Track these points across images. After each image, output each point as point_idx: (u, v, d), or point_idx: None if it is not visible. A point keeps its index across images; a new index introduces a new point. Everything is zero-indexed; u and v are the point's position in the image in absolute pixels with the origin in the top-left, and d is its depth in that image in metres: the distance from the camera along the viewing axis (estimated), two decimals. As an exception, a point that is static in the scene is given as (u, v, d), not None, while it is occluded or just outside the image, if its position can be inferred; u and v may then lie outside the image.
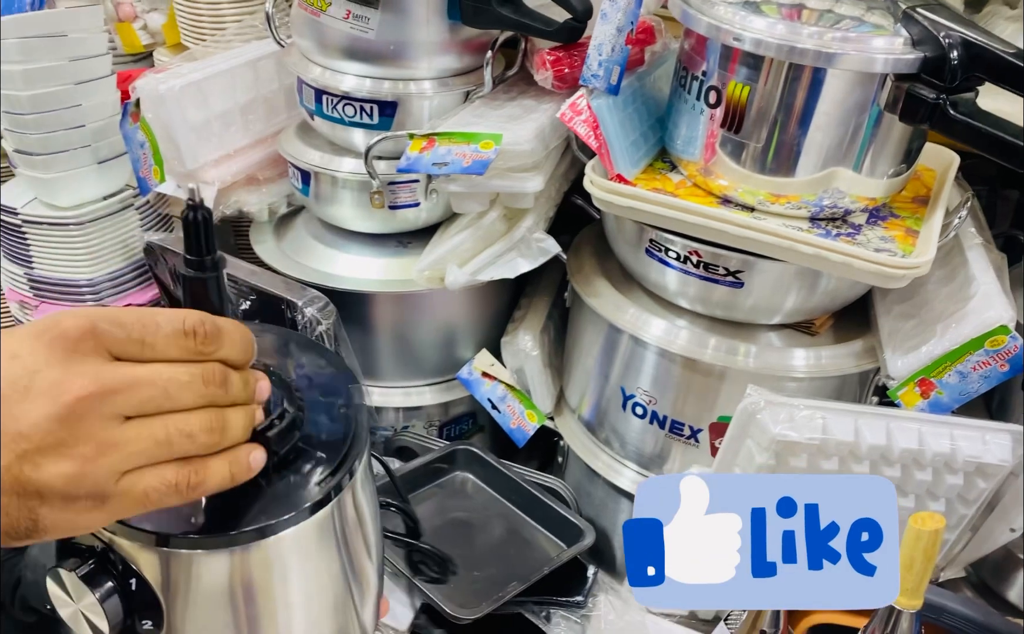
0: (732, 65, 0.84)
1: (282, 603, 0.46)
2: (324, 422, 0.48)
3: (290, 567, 0.45)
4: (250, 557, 0.44)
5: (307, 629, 0.48)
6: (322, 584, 0.48)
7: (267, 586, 0.45)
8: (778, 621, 0.75)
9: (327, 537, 0.47)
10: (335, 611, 0.49)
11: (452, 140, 0.94)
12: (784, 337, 0.92)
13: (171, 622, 0.44)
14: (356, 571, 0.50)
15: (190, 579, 0.44)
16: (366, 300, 1.06)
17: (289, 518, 0.44)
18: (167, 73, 1.09)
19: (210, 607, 0.45)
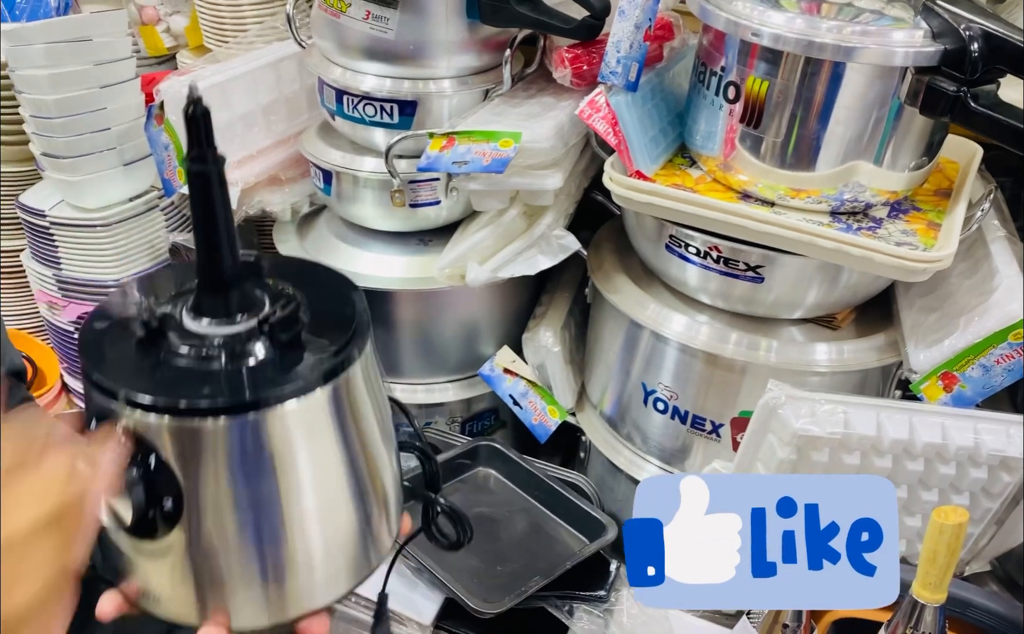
0: (751, 60, 0.84)
1: (294, 477, 0.48)
2: (328, 318, 0.51)
3: (298, 439, 0.48)
4: (258, 426, 0.46)
5: (321, 509, 0.50)
6: (333, 465, 0.50)
7: (278, 456, 0.47)
8: (800, 616, 0.75)
9: (333, 415, 0.49)
10: (350, 499, 0.51)
11: (472, 139, 0.95)
12: (806, 331, 0.93)
13: (189, 500, 0.47)
14: (369, 464, 0.52)
15: (203, 451, 0.46)
16: (388, 298, 1.08)
17: (295, 388, 0.46)
18: (191, 75, 1.11)
19: (222, 478, 0.47)
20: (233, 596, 0.50)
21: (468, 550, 0.93)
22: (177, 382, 0.46)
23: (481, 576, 0.90)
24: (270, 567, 0.49)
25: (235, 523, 0.48)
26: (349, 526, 0.52)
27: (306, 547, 0.50)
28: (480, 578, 0.89)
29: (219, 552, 0.48)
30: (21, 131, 1.21)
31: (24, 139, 1.21)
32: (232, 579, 0.49)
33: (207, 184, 0.47)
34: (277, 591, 0.50)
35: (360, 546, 0.53)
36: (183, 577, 0.49)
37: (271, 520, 0.49)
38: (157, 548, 0.49)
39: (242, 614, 0.50)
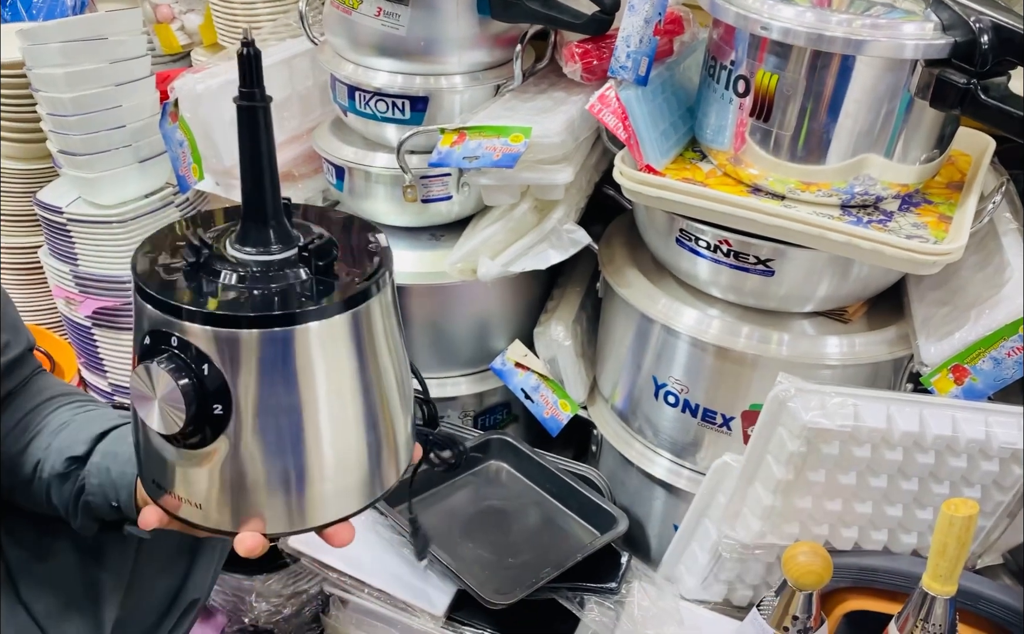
0: (760, 54, 0.85)
1: (322, 386, 0.53)
2: (355, 256, 0.57)
3: (318, 357, 0.52)
4: (287, 340, 0.51)
5: (344, 420, 0.55)
6: (354, 381, 0.55)
7: (309, 367, 0.52)
8: (810, 607, 0.76)
9: (355, 336, 0.54)
10: (362, 419, 0.56)
11: (482, 134, 0.96)
12: (817, 325, 0.93)
13: (237, 401, 0.52)
14: (382, 393, 0.57)
15: (240, 360, 0.51)
16: (400, 292, 1.07)
17: (319, 310, 0.52)
18: (204, 73, 1.13)
19: (256, 387, 0.52)
20: (264, 503, 0.55)
21: (480, 543, 0.95)
22: (233, 298, 0.52)
23: (493, 568, 0.91)
24: (294, 475, 0.54)
25: (266, 432, 0.53)
26: (361, 445, 0.56)
27: (321, 460, 0.55)
28: (492, 570, 0.91)
29: (254, 460, 0.53)
30: (38, 129, 1.23)
31: (41, 137, 1.23)
32: (264, 487, 0.54)
33: (254, 119, 0.52)
34: (299, 499, 0.55)
35: (372, 465, 0.57)
36: (222, 484, 0.54)
37: (294, 429, 0.53)
38: (201, 456, 0.54)
39: (270, 521, 0.55)
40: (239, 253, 0.55)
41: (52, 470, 0.70)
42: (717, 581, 0.92)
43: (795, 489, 0.83)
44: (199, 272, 0.54)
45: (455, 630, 0.89)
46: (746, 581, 0.92)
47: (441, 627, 0.90)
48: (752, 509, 0.85)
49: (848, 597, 0.84)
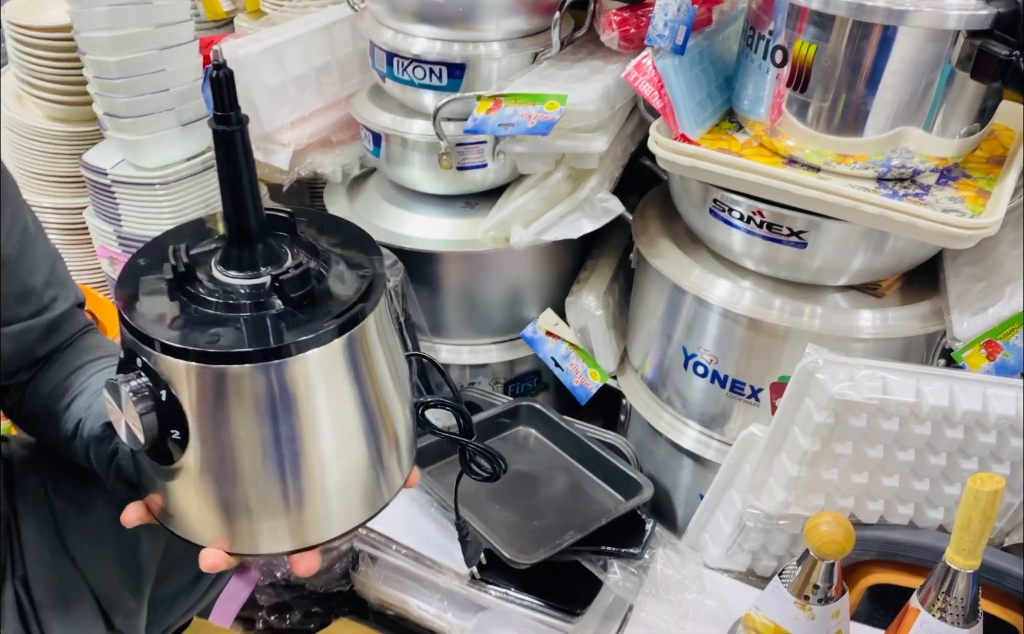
0: (799, 24, 0.86)
1: (302, 420, 0.54)
2: (345, 280, 0.56)
3: (305, 389, 0.53)
4: (250, 376, 0.52)
5: (330, 450, 0.56)
6: (345, 410, 0.56)
7: (292, 400, 0.53)
8: (831, 576, 0.79)
9: (346, 366, 0.54)
10: (358, 441, 0.57)
11: (518, 101, 0.99)
12: (850, 298, 0.95)
13: (194, 428, 0.53)
14: (382, 410, 0.58)
15: (204, 389, 0.52)
16: (434, 259, 1.13)
17: (307, 340, 0.51)
18: (246, 38, 1.17)
19: (219, 415, 0.53)
20: (226, 525, 0.56)
21: (506, 505, 0.99)
22: (196, 327, 0.52)
23: (519, 530, 0.95)
24: (252, 502, 0.55)
25: (223, 461, 0.54)
26: (354, 465, 0.57)
27: (278, 491, 0.55)
28: (517, 532, 0.95)
29: (212, 484, 0.54)
30: (85, 92, 1.28)
31: (88, 99, 1.29)
32: (224, 510, 0.55)
33: (231, 143, 0.52)
34: (252, 525, 0.56)
35: (369, 484, 0.58)
36: (187, 499, 0.56)
37: (250, 460, 0.54)
38: (168, 471, 0.55)
39: (234, 542, 0.56)
40: (221, 276, 0.55)
41: (91, 431, 0.73)
42: (741, 550, 0.95)
43: (821, 460, 0.85)
44: (176, 293, 0.54)
45: (480, 588, 0.94)
46: (770, 551, 0.95)
47: (467, 585, 0.94)
48: (777, 479, 0.87)
49: (872, 570, 0.86)
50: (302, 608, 1.11)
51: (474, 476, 0.76)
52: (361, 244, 0.60)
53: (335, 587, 1.07)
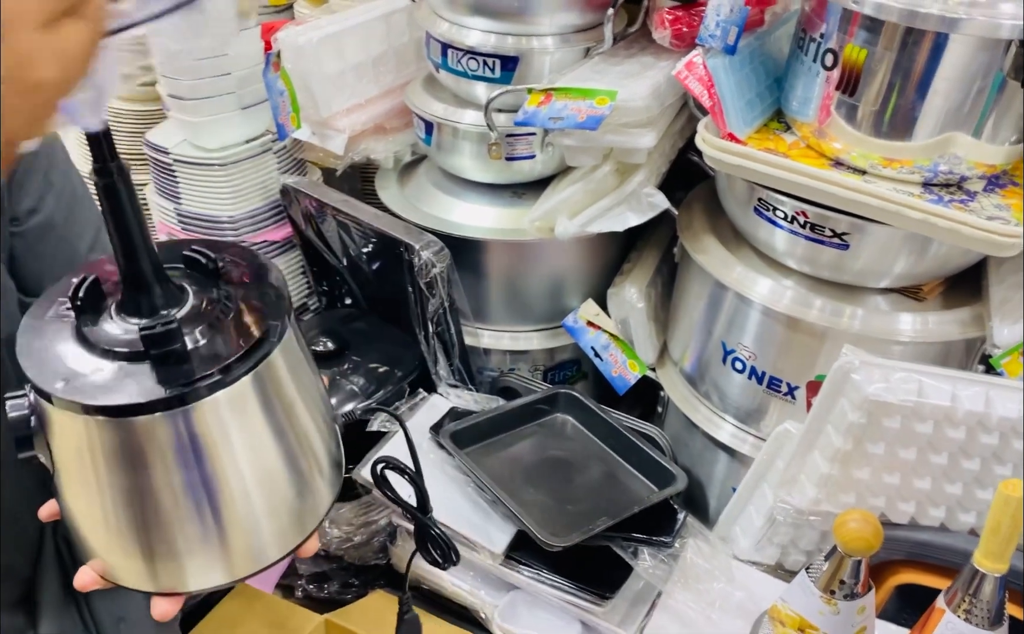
0: (851, 28, 0.89)
1: (213, 465, 0.54)
2: (250, 314, 0.56)
3: (215, 433, 0.53)
4: (106, 428, 0.52)
5: (249, 488, 0.56)
6: (252, 450, 0.56)
7: (195, 447, 0.53)
8: (858, 573, 0.81)
9: (245, 408, 0.54)
10: (272, 477, 0.57)
11: (569, 95, 1.03)
12: (891, 301, 0.97)
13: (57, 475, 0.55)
14: (289, 445, 0.57)
15: (63, 437, 0.53)
16: (479, 247, 1.18)
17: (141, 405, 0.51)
18: (307, 26, 1.23)
19: (132, 467, 0.52)
20: (180, 565, 0.55)
21: (541, 489, 1.03)
22: (59, 372, 0.52)
23: (552, 513, 0.99)
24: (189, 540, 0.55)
25: (155, 501, 0.53)
26: (282, 494, 0.57)
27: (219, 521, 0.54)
28: (551, 515, 0.99)
29: (152, 529, 0.54)
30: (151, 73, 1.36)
31: (152, 80, 1.36)
32: (173, 551, 0.55)
33: (115, 194, 0.51)
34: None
35: (295, 512, 0.58)
36: (115, 551, 0.56)
37: (199, 497, 0.54)
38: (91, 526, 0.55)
39: (193, 579, 0.56)
40: (111, 323, 0.54)
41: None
42: (770, 544, 0.98)
43: (853, 459, 0.88)
44: (74, 335, 0.54)
45: (512, 568, 0.98)
46: (799, 546, 0.97)
47: (499, 564, 0.98)
48: (809, 476, 0.90)
49: (900, 570, 0.89)
50: (340, 579, 1.17)
51: (426, 558, 0.78)
52: (262, 273, 0.60)
53: (372, 560, 1.12)
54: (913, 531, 0.89)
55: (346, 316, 1.33)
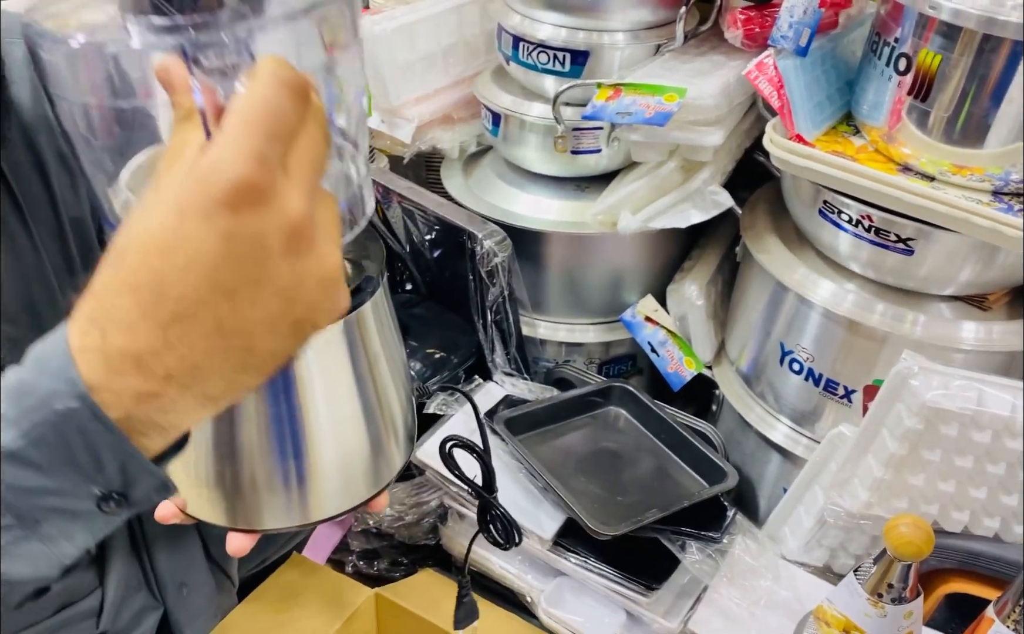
0: (926, 33, 0.90)
1: (309, 396, 0.57)
2: (351, 264, 0.60)
3: (312, 362, 0.57)
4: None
5: (331, 427, 0.59)
6: (343, 388, 0.60)
7: (295, 377, 0.57)
8: (907, 578, 0.83)
9: (346, 346, 0.58)
10: (358, 421, 0.61)
11: (637, 91, 1.07)
12: (955, 309, 0.99)
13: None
14: (378, 393, 0.61)
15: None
16: (541, 238, 1.22)
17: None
18: (381, 15, 1.29)
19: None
20: (258, 502, 0.59)
21: (592, 479, 1.07)
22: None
23: (602, 503, 1.03)
24: (281, 475, 0.59)
25: (255, 434, 0.57)
26: (358, 444, 0.61)
27: (314, 461, 0.58)
28: (601, 504, 1.02)
29: (237, 462, 0.57)
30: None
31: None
32: (254, 486, 0.58)
33: None
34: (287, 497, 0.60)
35: (369, 465, 0.62)
36: (200, 480, 0.59)
37: (283, 433, 0.57)
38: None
39: (269, 517, 0.60)
40: None
41: None
42: (820, 546, 1.00)
43: (908, 465, 0.89)
44: None
45: (560, 554, 1.02)
46: (849, 550, 0.99)
47: (547, 550, 1.02)
48: (862, 480, 0.92)
49: (951, 578, 0.90)
50: (390, 557, 1.22)
51: (488, 538, 0.82)
52: (368, 238, 0.63)
53: (422, 540, 1.17)
54: (966, 540, 0.90)
55: (406, 301, 1.38)
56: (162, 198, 0.39)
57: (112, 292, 0.40)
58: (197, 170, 0.38)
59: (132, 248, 0.39)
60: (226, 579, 1.01)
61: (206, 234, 0.38)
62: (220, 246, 0.38)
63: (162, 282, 0.38)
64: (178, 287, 0.38)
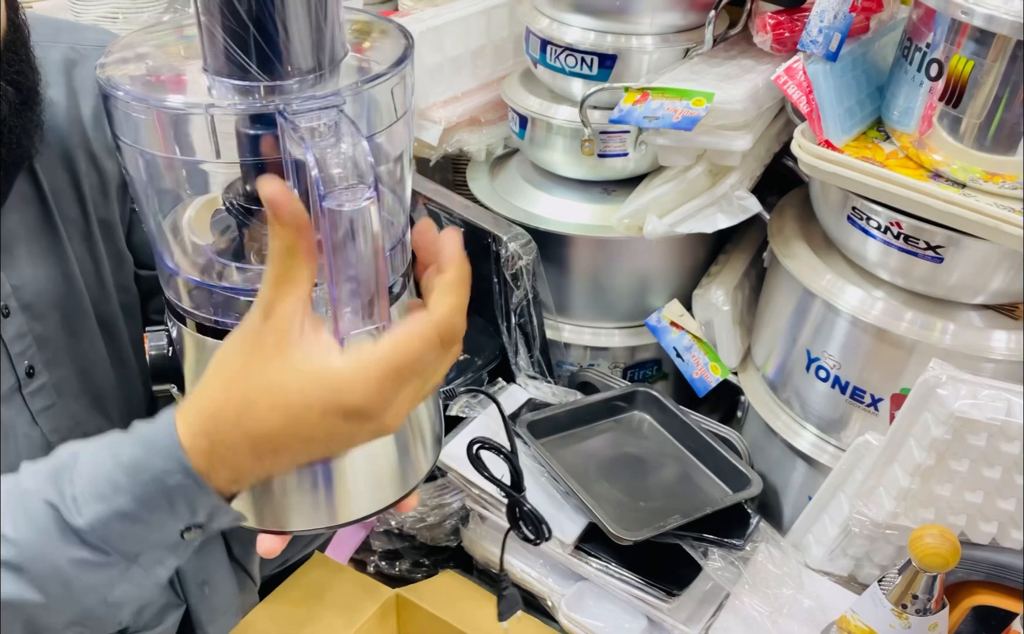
0: (959, 39, 0.91)
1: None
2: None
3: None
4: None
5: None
6: None
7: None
8: (932, 589, 0.83)
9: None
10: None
11: (665, 95, 1.08)
12: (985, 317, 0.99)
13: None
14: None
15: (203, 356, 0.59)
16: (566, 241, 1.23)
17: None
18: (410, 17, 1.31)
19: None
20: (287, 503, 0.61)
21: (615, 484, 1.08)
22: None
23: (624, 508, 1.04)
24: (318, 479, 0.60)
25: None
26: (385, 448, 0.62)
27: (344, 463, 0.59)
28: (623, 510, 1.03)
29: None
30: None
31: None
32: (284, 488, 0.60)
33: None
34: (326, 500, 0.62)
35: (396, 468, 0.64)
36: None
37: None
38: None
39: (297, 518, 0.62)
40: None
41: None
42: (844, 555, 1.00)
43: (934, 475, 0.89)
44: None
45: (581, 559, 1.03)
46: (874, 560, 0.99)
47: (569, 554, 1.03)
48: (888, 489, 0.92)
49: (978, 591, 0.90)
50: (411, 558, 1.24)
51: (519, 535, 0.85)
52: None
53: (444, 541, 1.19)
54: (994, 552, 0.90)
55: (431, 303, 1.40)
56: (286, 380, 0.50)
57: (229, 426, 0.52)
58: (331, 378, 0.49)
59: (257, 404, 0.51)
60: (248, 578, 1.04)
61: (319, 424, 0.51)
62: (325, 433, 0.51)
63: (272, 439, 0.52)
64: (282, 442, 0.52)
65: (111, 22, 1.83)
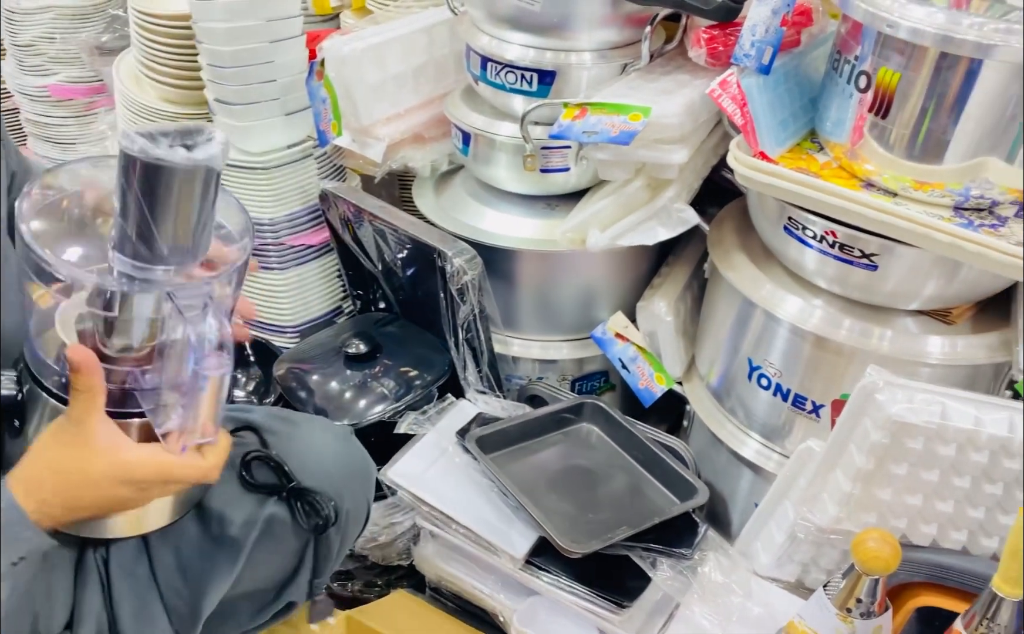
0: (886, 51, 0.90)
1: None
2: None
3: None
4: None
5: None
6: None
7: None
8: (875, 592, 0.82)
9: None
10: None
11: (603, 110, 1.06)
12: (920, 323, 0.99)
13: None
14: None
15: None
16: (511, 256, 1.21)
17: None
18: (351, 36, 1.28)
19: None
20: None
21: (564, 496, 1.06)
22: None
23: (573, 520, 1.02)
24: None
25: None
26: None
27: None
28: (572, 522, 1.01)
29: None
30: (198, 77, 1.41)
31: (199, 85, 1.42)
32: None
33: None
34: None
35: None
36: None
37: None
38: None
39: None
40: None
41: None
42: (791, 561, 0.99)
43: (875, 479, 0.89)
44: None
45: (532, 573, 1.00)
46: (820, 565, 0.99)
47: (519, 569, 1.01)
48: (831, 494, 0.91)
49: (920, 592, 0.90)
50: (363, 578, 1.20)
51: (304, 523, 0.84)
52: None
53: (396, 560, 1.16)
54: (934, 554, 0.90)
55: (379, 320, 1.37)
56: (90, 464, 0.67)
57: (48, 491, 0.67)
58: (122, 460, 0.68)
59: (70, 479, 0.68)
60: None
61: (113, 491, 0.68)
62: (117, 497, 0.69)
63: (77, 501, 0.69)
64: (86, 502, 0.69)
65: (48, 42, 1.77)
